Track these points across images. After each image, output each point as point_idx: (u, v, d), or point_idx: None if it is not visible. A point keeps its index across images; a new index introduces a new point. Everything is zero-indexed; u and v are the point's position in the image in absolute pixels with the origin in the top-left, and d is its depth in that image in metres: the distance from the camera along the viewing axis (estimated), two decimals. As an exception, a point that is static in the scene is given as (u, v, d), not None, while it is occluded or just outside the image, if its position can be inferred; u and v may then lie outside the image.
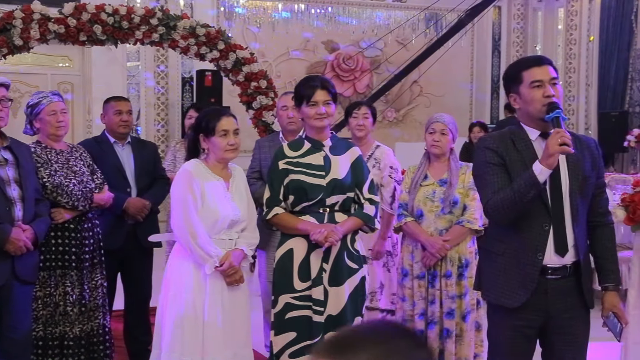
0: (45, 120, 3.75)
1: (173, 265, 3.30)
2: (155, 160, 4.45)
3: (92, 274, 3.79)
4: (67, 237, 3.71)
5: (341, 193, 3.31)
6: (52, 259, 3.69)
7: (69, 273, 3.70)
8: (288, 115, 4.26)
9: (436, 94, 11.85)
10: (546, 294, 2.69)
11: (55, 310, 3.69)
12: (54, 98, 3.79)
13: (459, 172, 3.83)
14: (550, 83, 2.66)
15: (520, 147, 2.71)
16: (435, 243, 3.73)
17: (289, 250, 3.30)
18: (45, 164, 3.69)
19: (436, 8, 10.95)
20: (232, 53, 6.07)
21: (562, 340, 2.74)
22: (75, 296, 3.71)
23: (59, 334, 3.70)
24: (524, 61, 2.80)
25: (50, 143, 3.79)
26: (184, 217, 3.18)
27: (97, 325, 3.81)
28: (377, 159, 4.22)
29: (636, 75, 10.64)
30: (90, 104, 9.81)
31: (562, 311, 2.70)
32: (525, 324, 2.72)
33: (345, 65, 11.47)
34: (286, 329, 3.28)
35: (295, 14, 11.10)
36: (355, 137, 4.27)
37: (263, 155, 4.29)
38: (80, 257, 3.72)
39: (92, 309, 3.78)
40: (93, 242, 3.80)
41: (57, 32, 5.66)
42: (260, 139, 4.53)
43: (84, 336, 3.75)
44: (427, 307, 3.78)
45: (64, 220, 3.70)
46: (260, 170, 4.26)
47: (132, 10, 5.85)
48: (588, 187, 2.72)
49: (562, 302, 2.70)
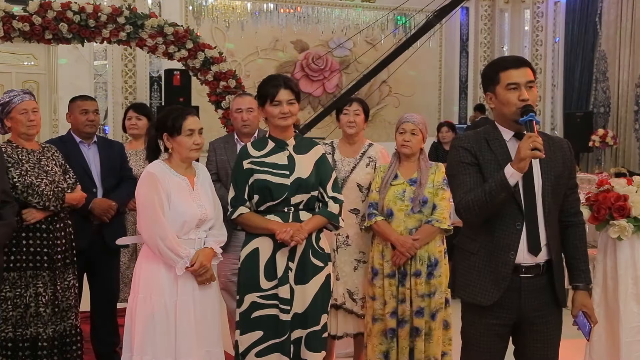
0: (16, 119, 3.69)
1: (142, 267, 3.26)
2: (122, 160, 4.40)
3: (65, 274, 3.74)
4: (39, 238, 3.66)
5: (305, 192, 3.32)
6: (23, 260, 3.63)
7: (40, 274, 3.64)
8: (242, 117, 4.26)
9: (405, 94, 11.93)
10: (519, 292, 2.71)
11: (25, 312, 3.62)
12: (25, 97, 3.73)
13: (428, 172, 3.85)
14: (526, 86, 2.69)
15: (495, 147, 2.73)
16: (404, 242, 3.74)
17: (254, 250, 3.30)
18: (15, 163, 3.63)
19: (405, 8, 11.02)
20: (200, 52, 6.04)
21: (534, 338, 2.77)
22: (48, 297, 3.65)
23: (30, 336, 3.63)
24: (501, 61, 2.80)
25: (22, 142, 3.73)
26: (151, 220, 3.15)
27: (69, 325, 3.76)
28: (371, 157, 4.13)
29: (600, 76, 10.82)
30: (56, 103, 9.69)
31: (535, 309, 2.73)
32: (498, 322, 2.74)
33: (314, 65, 11.48)
34: (252, 328, 3.28)
35: (265, 14, 11.08)
36: (346, 135, 4.14)
37: (219, 157, 4.26)
38: (52, 257, 3.67)
39: (64, 309, 3.73)
40: (65, 242, 3.75)
41: (22, 30, 5.58)
42: (213, 140, 4.46)
43: (57, 337, 3.70)
44: (397, 306, 3.80)
45: (36, 221, 3.64)
46: (217, 173, 4.23)
47: (98, 8, 5.79)
48: (560, 187, 2.75)
49: (535, 300, 2.73)
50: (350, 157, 4.09)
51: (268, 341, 3.27)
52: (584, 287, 2.82)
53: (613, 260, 3.54)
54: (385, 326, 3.82)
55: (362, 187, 4.06)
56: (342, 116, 4.17)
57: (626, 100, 10.15)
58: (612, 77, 10.38)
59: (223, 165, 4.24)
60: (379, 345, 3.84)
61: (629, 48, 10.04)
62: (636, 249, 3.50)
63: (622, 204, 3.45)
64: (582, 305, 2.79)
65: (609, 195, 3.50)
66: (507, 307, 2.72)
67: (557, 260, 2.75)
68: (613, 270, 3.54)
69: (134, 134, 5.03)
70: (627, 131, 10.17)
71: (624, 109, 10.18)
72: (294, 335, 3.29)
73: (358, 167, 4.09)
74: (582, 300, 2.80)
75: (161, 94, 10.07)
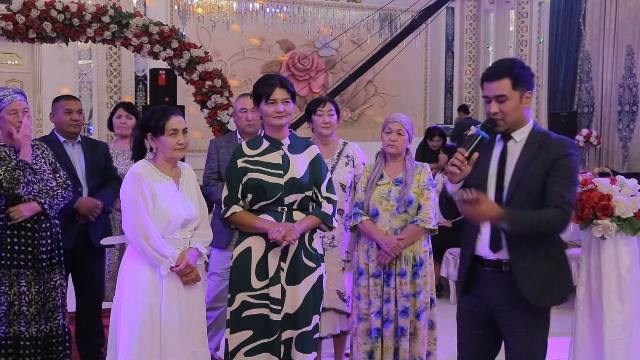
0: (5, 119, 3.65)
1: (127, 267, 3.25)
2: (107, 159, 4.38)
3: (51, 274, 3.71)
4: (24, 237, 3.63)
5: (299, 192, 3.31)
6: (7, 258, 3.60)
7: (24, 272, 3.62)
8: (247, 117, 4.22)
9: (391, 93, 11.94)
10: (484, 284, 2.88)
11: (9, 310, 3.60)
12: (16, 97, 3.68)
13: (414, 172, 3.86)
14: (497, 100, 2.77)
15: (488, 146, 2.82)
16: (390, 242, 3.75)
17: (246, 249, 3.29)
18: (2, 160, 3.59)
19: (390, 8, 11.03)
20: (186, 52, 6.02)
21: (505, 332, 2.90)
22: (32, 295, 3.63)
23: (13, 334, 3.62)
24: (485, 72, 2.89)
25: (10, 142, 3.69)
26: (135, 220, 3.14)
27: (56, 325, 3.73)
28: (349, 156, 4.13)
29: (584, 76, 10.88)
30: (41, 102, 9.62)
31: (499, 303, 2.85)
32: (469, 308, 2.97)
33: (300, 64, 11.47)
34: (242, 327, 3.28)
35: (250, 13, 11.05)
36: (321, 135, 4.14)
37: (222, 156, 4.21)
38: (36, 256, 3.64)
39: (51, 309, 3.71)
40: (51, 242, 3.72)
41: (5, 29, 5.53)
42: (215, 139, 4.45)
43: (41, 337, 3.67)
44: (382, 306, 3.81)
45: (23, 219, 3.61)
46: (219, 171, 4.21)
47: (83, 7, 5.76)
48: (524, 187, 2.76)
49: (498, 294, 2.84)
50: (327, 158, 4.06)
51: (257, 341, 3.26)
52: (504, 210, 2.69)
53: (597, 259, 3.56)
54: (370, 326, 3.83)
55: (344, 187, 4.06)
56: (315, 117, 4.13)
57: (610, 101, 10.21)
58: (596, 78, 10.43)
59: (225, 164, 4.22)
60: (364, 345, 3.85)
61: (612, 49, 10.10)
62: (620, 248, 3.52)
63: (606, 203, 3.47)
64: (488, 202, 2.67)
65: (592, 195, 3.51)
66: (475, 296, 2.92)
67: (519, 262, 2.78)
68: (597, 269, 3.56)
69: (122, 133, 5.00)
70: (610, 131, 10.23)
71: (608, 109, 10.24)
72: (284, 335, 3.28)
73: (338, 167, 4.09)
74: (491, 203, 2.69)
75: (146, 94, 10.00)
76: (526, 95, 2.81)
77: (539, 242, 2.79)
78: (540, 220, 2.72)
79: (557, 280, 2.86)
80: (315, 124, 4.15)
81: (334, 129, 4.15)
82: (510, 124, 2.81)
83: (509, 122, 2.80)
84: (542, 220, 2.72)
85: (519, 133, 2.84)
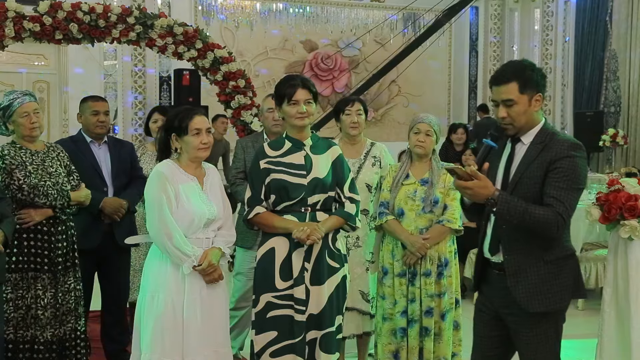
0: (18, 122, 3.67)
1: (150, 266, 3.27)
2: (132, 159, 4.41)
3: (65, 277, 3.71)
4: (40, 240, 3.65)
5: (322, 192, 3.31)
6: (25, 261, 3.62)
7: (40, 276, 3.63)
8: (274, 117, 4.21)
9: (414, 93, 11.91)
10: (490, 285, 2.92)
11: (27, 313, 3.62)
12: (25, 99, 3.69)
13: (440, 172, 3.84)
14: (504, 104, 2.73)
15: (500, 148, 2.83)
16: (415, 242, 3.74)
17: (270, 249, 3.29)
18: (20, 165, 3.63)
19: (414, 8, 11.01)
20: (210, 52, 6.06)
21: (514, 336, 2.88)
22: (47, 299, 3.64)
23: (29, 338, 3.63)
24: (491, 77, 2.85)
25: (25, 144, 3.72)
26: (158, 219, 3.16)
27: (69, 329, 3.73)
28: (376, 157, 4.11)
29: (611, 75, 10.77)
30: (67, 102, 9.73)
31: (504, 306, 2.85)
32: (480, 308, 3.00)
33: (323, 64, 11.49)
34: (267, 328, 3.28)
35: (274, 14, 11.09)
36: (349, 135, 4.11)
37: (248, 156, 4.21)
38: (53, 260, 3.65)
39: (64, 313, 3.70)
40: (67, 245, 3.73)
41: (33, 31, 5.60)
42: (241, 139, 4.46)
43: (55, 340, 3.67)
44: (407, 305, 3.79)
45: (35, 223, 3.64)
46: (245, 171, 4.22)
47: (108, 8, 5.81)
48: (521, 188, 2.72)
49: (503, 297, 2.82)
50: (354, 158, 4.06)
51: (283, 342, 3.26)
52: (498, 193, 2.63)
53: (624, 260, 3.52)
54: (395, 325, 3.82)
55: (370, 187, 4.05)
56: (344, 117, 4.10)
57: (637, 100, 10.10)
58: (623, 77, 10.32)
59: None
60: (389, 345, 3.84)
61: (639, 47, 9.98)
62: (647, 249, 3.48)
63: (633, 204, 3.44)
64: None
65: (619, 195, 3.48)
66: (485, 296, 2.98)
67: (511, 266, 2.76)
68: (624, 271, 3.52)
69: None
70: (637, 131, 10.12)
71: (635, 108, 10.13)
72: (308, 336, 3.28)
73: (364, 168, 4.08)
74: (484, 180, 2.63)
75: (170, 94, 10.09)
76: (536, 98, 2.74)
77: (533, 246, 2.73)
78: (532, 215, 2.61)
79: (554, 285, 2.75)
80: (343, 123, 4.12)
81: (362, 128, 4.12)
82: (519, 127, 2.76)
83: (518, 126, 2.75)
84: (533, 216, 2.61)
85: (527, 135, 2.78)
